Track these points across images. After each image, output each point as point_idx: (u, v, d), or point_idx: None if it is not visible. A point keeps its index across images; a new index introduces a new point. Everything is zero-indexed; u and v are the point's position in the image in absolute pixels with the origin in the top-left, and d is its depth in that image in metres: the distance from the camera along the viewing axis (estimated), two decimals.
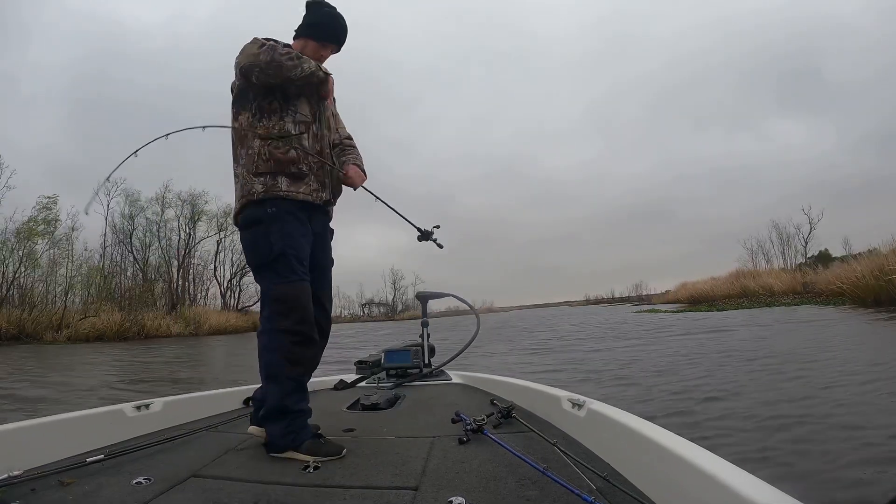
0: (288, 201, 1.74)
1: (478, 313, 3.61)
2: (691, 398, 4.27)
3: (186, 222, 33.48)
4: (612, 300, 79.01)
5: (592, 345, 10.26)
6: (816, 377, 4.87)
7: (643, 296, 66.36)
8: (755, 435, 3.13)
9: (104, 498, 1.27)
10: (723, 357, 6.76)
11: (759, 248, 38.67)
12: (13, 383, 7.26)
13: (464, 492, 1.25)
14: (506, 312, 67.97)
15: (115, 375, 8.60)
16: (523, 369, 6.90)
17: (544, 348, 10.45)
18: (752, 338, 9.15)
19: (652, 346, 9.00)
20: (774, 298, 24.12)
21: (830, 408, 3.64)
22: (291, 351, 1.67)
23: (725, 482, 0.90)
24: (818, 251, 34.76)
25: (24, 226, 24.41)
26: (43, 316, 21.54)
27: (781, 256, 37.35)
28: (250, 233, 1.77)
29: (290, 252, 1.71)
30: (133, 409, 2.01)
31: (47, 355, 13.61)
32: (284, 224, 1.73)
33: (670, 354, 7.44)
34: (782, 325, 11.59)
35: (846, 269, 18.82)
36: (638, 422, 1.37)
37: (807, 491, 2.20)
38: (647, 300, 54.79)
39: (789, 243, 37.12)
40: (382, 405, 2.40)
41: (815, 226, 35.46)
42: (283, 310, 1.69)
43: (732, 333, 10.34)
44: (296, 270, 1.71)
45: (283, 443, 1.63)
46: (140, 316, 23.96)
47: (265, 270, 1.74)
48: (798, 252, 36.28)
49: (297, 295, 1.70)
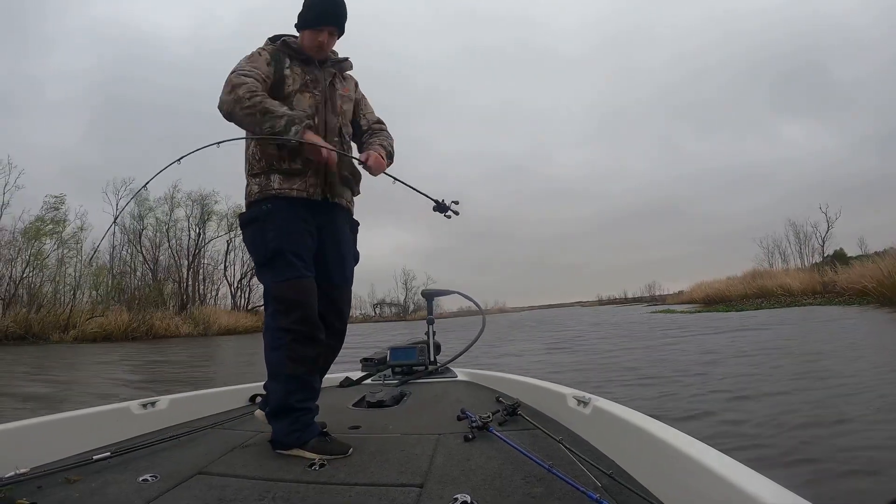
0: (281, 199, 1.73)
1: (484, 311, 3.61)
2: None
3: (196, 222, 33.54)
4: (625, 300, 77.99)
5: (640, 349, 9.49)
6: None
7: (656, 296, 65.72)
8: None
9: (111, 495, 1.28)
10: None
11: (775, 247, 37.85)
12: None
13: (469, 489, 1.25)
14: (518, 312, 67.66)
15: (115, 377, 8.52)
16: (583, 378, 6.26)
17: (581, 348, 10.13)
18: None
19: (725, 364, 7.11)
20: (795, 298, 23.47)
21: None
22: (292, 349, 1.66)
23: (732, 480, 0.90)
24: (833, 251, 34.07)
25: (32, 225, 24.40)
26: (50, 316, 21.44)
27: (799, 255, 36.60)
28: (249, 231, 1.78)
29: (286, 248, 1.69)
30: (139, 406, 2.02)
31: (50, 355, 13.72)
32: (281, 221, 1.71)
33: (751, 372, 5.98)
34: (827, 325, 10.79)
35: (871, 267, 18.32)
36: (643, 419, 1.36)
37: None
38: (660, 300, 54.07)
39: (807, 242, 36.25)
40: (388, 402, 2.41)
41: (833, 224, 34.55)
42: (283, 308, 1.68)
43: (788, 340, 9.10)
44: (294, 267, 1.69)
45: (289, 440, 1.63)
46: (148, 316, 23.80)
47: (264, 268, 1.74)
48: (815, 251, 35.51)
49: (297, 292, 1.69)
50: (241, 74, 1.70)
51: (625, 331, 14.61)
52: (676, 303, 37.88)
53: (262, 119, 1.65)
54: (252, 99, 1.65)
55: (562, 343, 11.65)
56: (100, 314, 22.92)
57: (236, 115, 1.69)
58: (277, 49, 1.85)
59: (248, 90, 1.66)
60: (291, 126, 1.65)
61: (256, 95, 1.67)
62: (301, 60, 1.87)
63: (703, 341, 9.48)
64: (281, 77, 1.80)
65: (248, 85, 1.68)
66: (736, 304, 25.36)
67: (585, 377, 5.95)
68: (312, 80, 1.86)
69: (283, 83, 1.80)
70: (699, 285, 35.34)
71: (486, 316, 3.44)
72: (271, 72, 1.79)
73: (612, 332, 14.11)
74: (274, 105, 1.68)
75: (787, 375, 5.19)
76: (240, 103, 1.65)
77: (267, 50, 1.84)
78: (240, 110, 1.66)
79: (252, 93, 1.66)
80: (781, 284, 26.24)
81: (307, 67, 1.87)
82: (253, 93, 1.67)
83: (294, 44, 1.89)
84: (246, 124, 1.72)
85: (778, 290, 25.79)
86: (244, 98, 1.65)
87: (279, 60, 1.82)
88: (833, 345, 7.52)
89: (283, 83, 1.80)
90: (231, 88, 1.68)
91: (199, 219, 33.52)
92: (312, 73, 1.87)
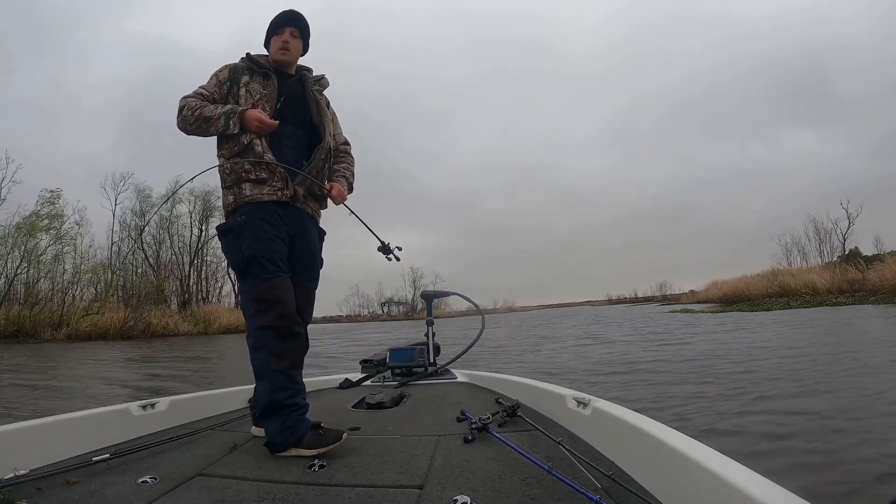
0: (253, 205, 1.86)
1: (483, 312, 3.67)
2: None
3: (199, 218, 32.85)
4: (635, 300, 77.97)
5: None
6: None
7: (668, 295, 65.18)
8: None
9: (110, 497, 1.30)
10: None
11: (794, 245, 36.68)
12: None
13: (469, 490, 1.27)
14: (527, 311, 67.88)
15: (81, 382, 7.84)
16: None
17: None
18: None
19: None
20: (824, 297, 22.21)
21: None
22: (274, 345, 1.73)
23: (732, 481, 0.91)
24: (848, 250, 33.12)
25: (26, 220, 23.66)
26: (43, 314, 20.66)
27: (818, 253, 35.44)
28: (225, 242, 1.91)
29: (259, 255, 1.79)
30: (138, 408, 2.04)
31: (35, 354, 13.40)
32: (253, 230, 1.82)
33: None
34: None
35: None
36: (643, 420, 1.38)
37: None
38: (672, 300, 53.64)
39: (827, 239, 35.09)
40: (387, 404, 2.43)
41: (854, 220, 33.43)
42: (262, 308, 1.76)
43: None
44: (268, 269, 1.79)
45: (283, 439, 1.66)
46: (146, 314, 23.00)
47: (242, 276, 1.85)
48: (836, 249, 34.38)
49: (275, 290, 1.77)
50: (185, 97, 1.94)
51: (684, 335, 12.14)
52: (691, 302, 37.30)
53: (206, 127, 1.89)
54: (193, 113, 1.89)
55: (648, 342, 10.46)
56: (94, 312, 22.07)
57: (189, 130, 1.93)
58: (238, 65, 2.01)
59: (188, 108, 1.89)
60: (229, 122, 1.87)
61: (196, 109, 1.89)
62: (262, 75, 2.00)
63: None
64: (235, 95, 1.96)
65: (189, 103, 1.91)
66: (759, 303, 24.57)
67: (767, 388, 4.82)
68: (268, 96, 1.97)
69: (237, 101, 1.95)
70: (714, 284, 34.67)
71: (485, 318, 3.50)
72: (221, 90, 1.97)
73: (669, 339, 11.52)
74: (210, 110, 1.88)
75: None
76: (186, 121, 1.90)
77: (228, 67, 2.01)
78: (188, 126, 1.91)
79: (192, 108, 1.89)
80: (806, 283, 25.30)
81: (266, 81, 2.00)
82: (192, 108, 1.89)
83: (258, 58, 2.03)
84: (199, 135, 1.94)
85: (802, 289, 25.00)
86: (187, 116, 1.89)
87: (236, 79, 1.98)
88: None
89: (237, 101, 1.95)
90: (178, 111, 1.92)
91: (202, 214, 32.76)
92: (270, 88, 1.99)
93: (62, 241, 25.09)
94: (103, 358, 12.02)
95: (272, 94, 1.96)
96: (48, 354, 13.54)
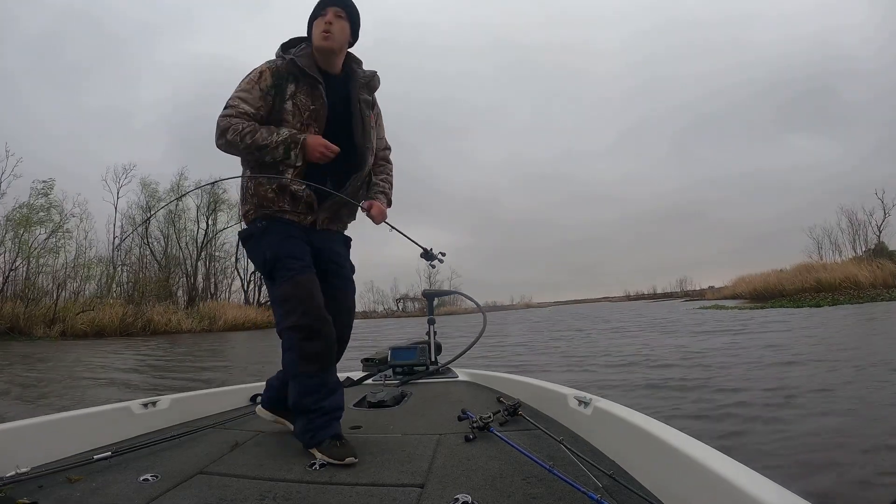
0: (274, 220, 1.83)
1: (484, 311, 3.56)
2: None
3: (206, 212, 32.29)
4: (654, 296, 76.40)
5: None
6: None
7: (689, 291, 64.09)
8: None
9: (111, 495, 1.32)
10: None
11: (825, 237, 35.13)
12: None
13: (470, 489, 1.28)
14: (544, 308, 67.15)
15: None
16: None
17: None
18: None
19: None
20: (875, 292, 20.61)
21: None
22: (301, 347, 1.72)
23: (733, 481, 0.92)
24: (873, 244, 31.98)
25: (16, 212, 22.75)
26: (37, 310, 19.76)
27: (851, 246, 33.86)
28: (248, 247, 1.90)
29: (281, 254, 1.77)
30: (140, 406, 2.07)
31: (19, 353, 12.49)
32: (274, 234, 1.81)
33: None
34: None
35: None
36: (644, 420, 1.39)
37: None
38: (694, 296, 52.73)
39: (861, 230, 33.52)
40: (389, 402, 2.46)
41: (889, 211, 31.97)
42: (289, 308, 1.74)
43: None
44: (291, 267, 1.76)
45: (304, 440, 1.71)
46: (146, 310, 21.99)
47: (270, 277, 1.83)
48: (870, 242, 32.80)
49: (299, 287, 1.74)
50: (226, 115, 1.77)
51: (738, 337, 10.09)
52: (718, 298, 36.06)
53: (260, 155, 1.76)
54: (243, 139, 1.74)
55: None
56: (90, 308, 21.09)
57: (234, 153, 1.82)
58: (281, 68, 1.82)
59: (234, 133, 1.74)
60: (289, 153, 1.75)
61: (245, 134, 1.74)
62: (309, 83, 1.83)
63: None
64: (280, 109, 1.80)
65: (234, 126, 1.75)
66: (796, 298, 23.34)
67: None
68: (317, 113, 1.82)
69: (281, 117, 1.79)
70: (742, 279, 33.43)
71: (486, 317, 3.38)
72: (266, 102, 1.79)
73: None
74: (264, 137, 1.74)
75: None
76: (232, 146, 1.76)
77: (271, 70, 1.81)
78: (234, 151, 1.79)
79: (239, 133, 1.74)
80: (847, 276, 23.58)
81: (314, 92, 1.83)
82: (241, 133, 1.74)
83: (303, 60, 1.83)
84: (247, 158, 1.85)
85: (844, 283, 23.81)
86: (234, 141, 1.75)
87: (280, 87, 1.80)
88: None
89: (281, 117, 1.79)
90: (220, 133, 1.77)
91: (209, 209, 31.75)
92: (319, 102, 1.83)
93: (57, 235, 24.55)
94: (82, 359, 10.89)
95: (321, 109, 1.83)
96: (35, 353, 12.66)
